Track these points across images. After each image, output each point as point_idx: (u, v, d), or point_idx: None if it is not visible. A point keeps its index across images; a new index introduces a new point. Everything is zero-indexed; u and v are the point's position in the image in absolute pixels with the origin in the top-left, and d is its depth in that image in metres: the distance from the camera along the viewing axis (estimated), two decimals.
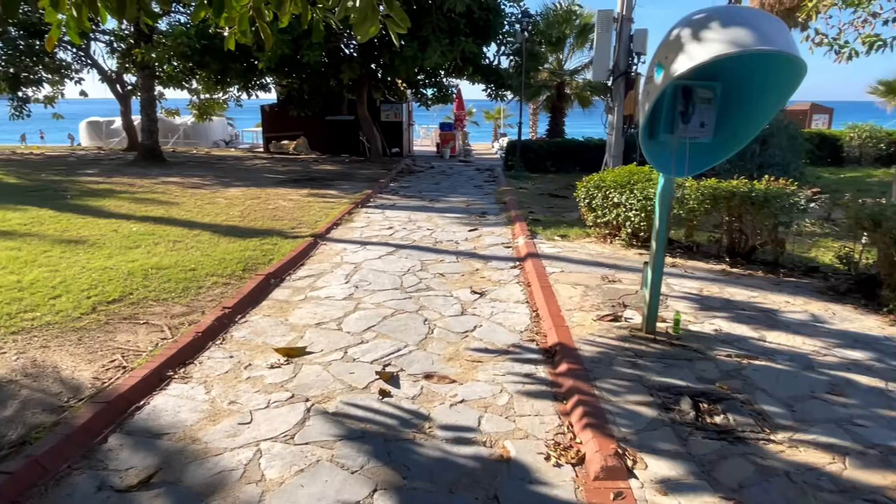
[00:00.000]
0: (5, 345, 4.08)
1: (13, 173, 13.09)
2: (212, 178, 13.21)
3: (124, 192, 10.65)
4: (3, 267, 5.82)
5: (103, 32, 18.44)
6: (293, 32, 12.19)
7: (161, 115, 23.31)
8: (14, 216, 8.21)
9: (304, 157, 19.22)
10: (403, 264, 6.44)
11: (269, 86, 18.89)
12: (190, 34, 13.52)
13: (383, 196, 11.31)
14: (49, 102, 19.04)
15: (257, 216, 8.83)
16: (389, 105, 20.58)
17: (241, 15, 4.58)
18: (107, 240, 7.07)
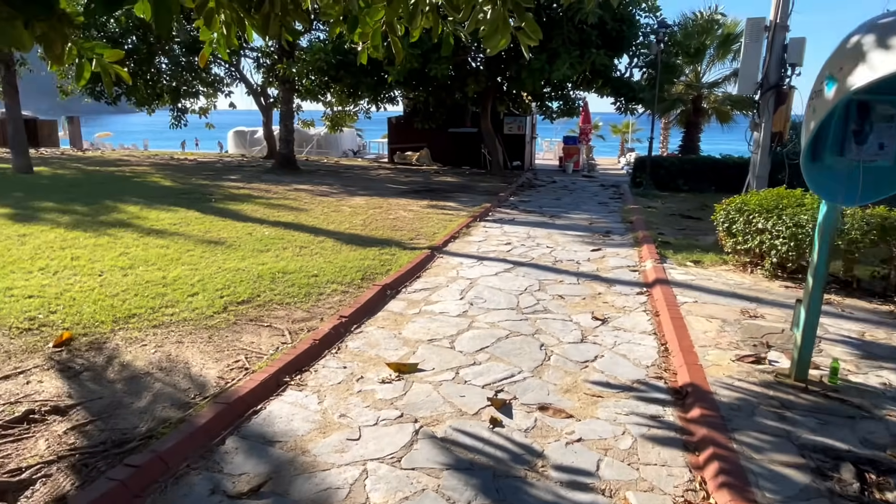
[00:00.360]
0: (146, 337, 4.39)
1: (169, 177, 14.52)
2: (339, 186, 13.81)
3: (260, 198, 11.39)
4: (152, 263, 6.35)
5: (252, 49, 20.08)
6: (422, 47, 12.45)
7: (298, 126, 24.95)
8: (166, 216, 9.02)
9: (426, 169, 19.61)
10: (521, 283, 6.21)
11: (396, 98, 19.53)
12: (327, 50, 14.29)
13: (502, 210, 11.17)
14: (203, 113, 21.03)
15: (378, 225, 9.03)
16: (513, 118, 20.48)
17: (374, 30, 4.63)
18: (242, 242, 7.53)
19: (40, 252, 6.66)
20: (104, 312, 4.82)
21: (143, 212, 9.31)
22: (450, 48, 4.75)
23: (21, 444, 2.99)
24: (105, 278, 5.78)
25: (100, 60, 4.28)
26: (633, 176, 15.68)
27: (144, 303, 5.07)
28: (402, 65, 12.57)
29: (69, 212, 9.10)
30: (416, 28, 4.73)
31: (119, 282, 5.67)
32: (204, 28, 4.80)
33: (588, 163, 21.70)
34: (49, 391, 3.54)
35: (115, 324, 4.61)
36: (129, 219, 8.77)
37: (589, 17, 11.85)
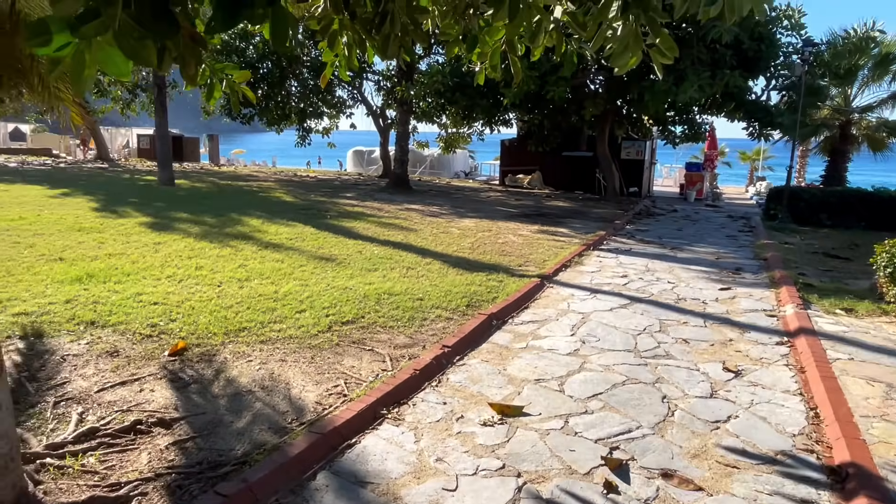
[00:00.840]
0: (253, 353, 4.42)
1: (291, 192, 15.28)
2: (449, 207, 13.80)
3: (372, 216, 11.60)
4: (267, 277, 6.53)
5: (373, 73, 20.87)
6: (540, 68, 12.21)
7: (413, 147, 25.57)
8: (284, 231, 9.37)
9: (538, 192, 19.23)
10: (638, 321, 5.68)
11: (511, 121, 19.40)
12: (444, 73, 14.46)
13: (618, 239, 10.54)
14: (326, 133, 22.10)
15: (486, 249, 8.80)
16: (631, 142, 19.62)
17: (493, 50, 4.43)
18: (352, 260, 7.59)
19: (170, 260, 7.09)
20: (218, 324, 4.94)
21: (264, 226, 9.75)
22: (573, 67, 4.44)
23: (125, 456, 3.01)
24: (223, 289, 5.99)
25: (229, 81, 4.38)
26: (767, 208, 14.33)
27: (255, 317, 5.16)
28: (519, 87, 12.38)
29: (199, 223, 9.72)
30: (537, 47, 4.47)
31: (235, 293, 5.85)
32: (327, 50, 4.83)
33: (712, 191, 20.25)
34: (158, 401, 3.61)
35: (227, 336, 4.70)
36: (251, 232, 9.20)
37: (724, 35, 11.01)
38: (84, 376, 3.90)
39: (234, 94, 4.40)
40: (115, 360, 4.15)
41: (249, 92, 4.51)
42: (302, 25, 3.71)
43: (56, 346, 4.37)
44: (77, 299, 5.38)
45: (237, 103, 4.59)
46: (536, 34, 4.22)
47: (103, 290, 5.74)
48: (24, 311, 5.02)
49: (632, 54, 3.63)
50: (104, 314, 5.03)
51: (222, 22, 2.27)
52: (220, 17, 2.26)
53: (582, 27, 4.18)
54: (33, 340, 4.45)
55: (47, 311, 5.04)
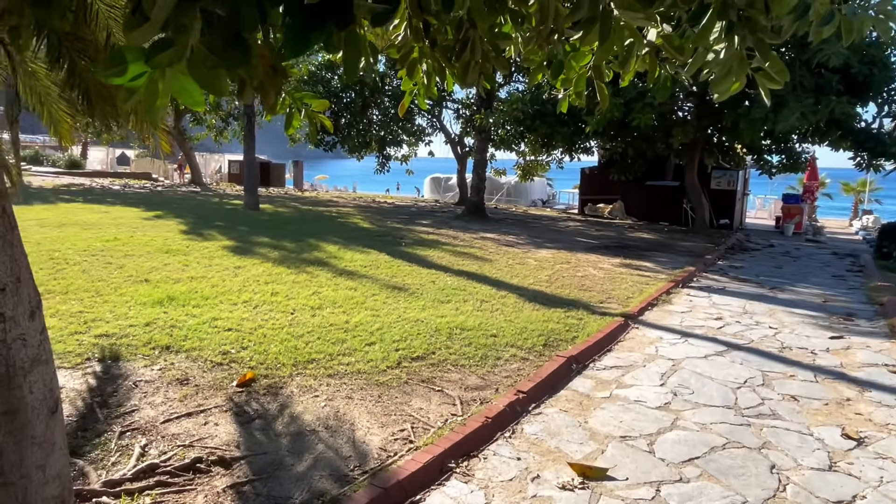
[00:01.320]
0: (320, 387, 4.26)
1: (368, 219, 15.45)
2: (525, 237, 13.45)
3: (447, 244, 11.44)
4: (339, 305, 6.44)
5: (452, 101, 21.01)
6: (625, 95, 11.74)
7: (490, 174, 25.46)
8: (359, 258, 9.35)
9: (619, 223, 18.51)
10: (737, 372, 5.10)
11: (592, 149, 18.89)
12: (524, 100, 14.25)
13: (709, 276, 9.80)
14: (405, 160, 22.40)
15: (565, 283, 8.38)
16: (722, 171, 18.56)
17: (579, 76, 4.15)
18: (424, 290, 7.41)
19: (247, 285, 7.17)
20: (288, 354, 4.84)
21: (340, 252, 9.78)
22: (666, 94, 4.08)
23: (181, 498, 2.88)
24: (295, 317, 5.94)
25: (307, 110, 4.31)
26: (879, 245, 13.00)
27: (325, 348, 5.03)
28: (603, 114, 11.96)
29: (279, 247, 9.90)
30: (627, 72, 4.15)
31: (307, 322, 5.77)
32: (406, 78, 4.68)
33: (812, 225, 18.75)
34: (221, 437, 3.49)
35: (295, 367, 4.58)
36: (327, 258, 9.24)
37: (831, 59, 10.16)
38: (152, 404, 3.87)
39: (311, 123, 4.34)
40: (184, 389, 4.10)
41: (327, 121, 4.43)
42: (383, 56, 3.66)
43: (130, 370, 4.40)
44: (156, 322, 5.47)
45: (315, 132, 4.53)
46: (627, 59, 3.90)
47: (181, 313, 5.82)
48: (106, 332, 5.14)
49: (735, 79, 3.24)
50: (179, 339, 5.06)
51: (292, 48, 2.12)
52: (291, 44, 2.12)
53: (678, 51, 3.82)
54: (110, 364, 4.51)
55: (127, 334, 5.13)
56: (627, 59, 3.87)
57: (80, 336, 5.04)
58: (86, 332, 5.13)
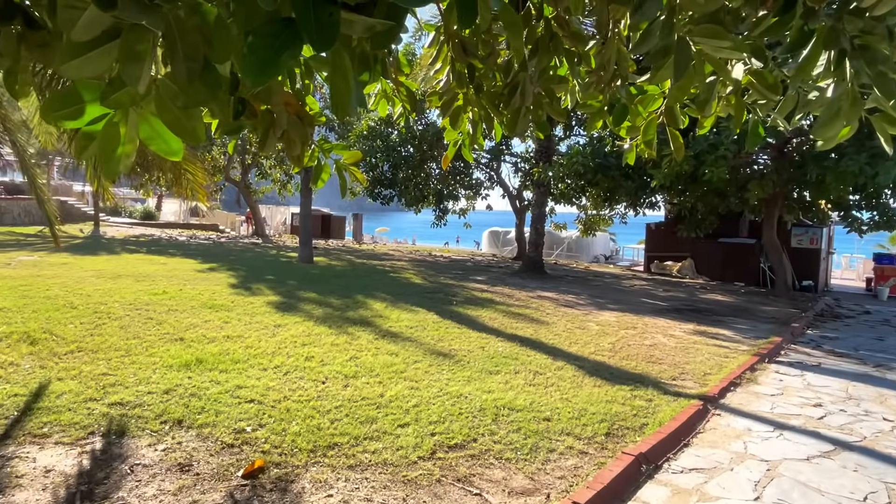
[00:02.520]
0: (337, 482, 3.62)
1: (421, 273, 14.97)
2: (586, 297, 12.56)
3: (501, 304, 10.73)
4: (376, 374, 5.85)
5: (511, 154, 20.66)
6: (695, 147, 10.93)
7: (549, 229, 24.72)
8: (406, 317, 8.79)
9: (689, 282, 17.26)
10: (853, 483, 4.09)
11: (658, 203, 17.93)
12: (585, 153, 13.64)
13: (799, 348, 8.60)
14: (462, 214, 22.05)
15: (630, 353, 7.49)
16: (804, 228, 17.12)
17: (647, 122, 3.52)
18: (472, 357, 6.73)
19: (283, 347, 6.71)
20: (308, 435, 4.26)
21: (387, 310, 9.27)
22: (757, 141, 3.37)
23: None
24: (326, 388, 5.38)
25: (338, 163, 3.84)
26: None
27: (351, 429, 4.41)
28: (671, 167, 11.16)
29: (324, 304, 9.48)
30: (708, 117, 3.50)
31: (337, 394, 5.20)
32: (449, 128, 4.15)
33: None
34: None
35: (313, 454, 3.97)
36: (372, 317, 8.73)
37: None
38: (142, 498, 3.33)
39: (341, 176, 3.89)
40: (183, 479, 3.56)
41: (360, 174, 3.97)
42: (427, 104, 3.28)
43: (132, 449, 3.91)
44: (176, 390, 5.03)
45: (345, 186, 4.07)
46: (707, 100, 3.25)
47: (206, 379, 5.38)
48: (122, 400, 4.73)
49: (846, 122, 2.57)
50: (195, 411, 4.58)
51: (257, 70, 1.61)
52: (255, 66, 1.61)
53: (771, 89, 3.12)
54: (113, 440, 4.05)
55: (142, 403, 4.70)
56: (707, 101, 3.23)
57: (94, 404, 4.64)
58: (101, 399, 4.74)
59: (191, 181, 5.55)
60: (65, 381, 5.14)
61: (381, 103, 4.14)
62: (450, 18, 3.57)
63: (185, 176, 5.50)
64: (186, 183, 5.43)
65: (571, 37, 3.69)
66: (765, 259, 16.82)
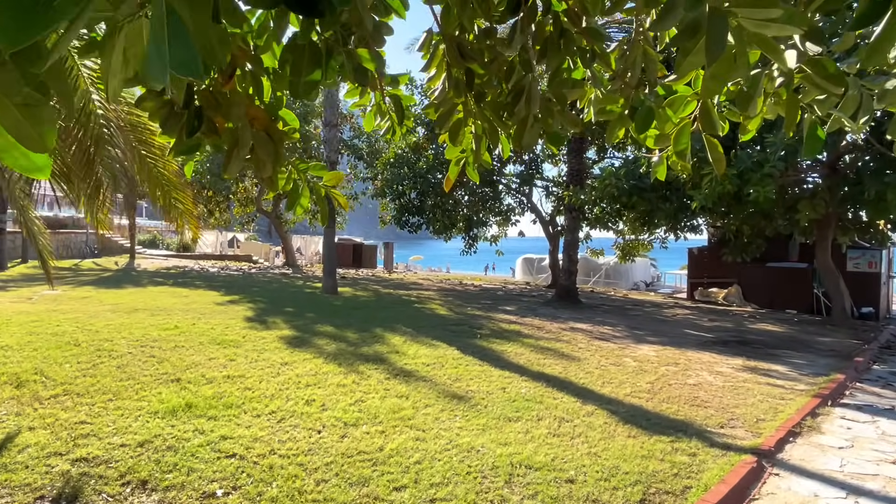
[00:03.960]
0: None
1: (448, 304, 14.34)
2: (623, 328, 11.69)
3: (530, 336, 10.00)
4: (379, 422, 5.23)
5: (542, 178, 20.02)
6: (739, 164, 10.10)
7: (585, 255, 23.83)
8: (423, 353, 8.17)
9: (737, 310, 16.12)
10: None
11: (699, 227, 16.96)
12: (619, 175, 12.90)
13: (866, 388, 7.58)
14: (494, 241, 21.42)
15: (671, 394, 6.67)
16: (860, 251, 15.89)
17: (678, 128, 2.88)
18: (491, 400, 6.04)
19: (285, 388, 6.17)
20: (285, 501, 3.66)
21: (405, 345, 8.66)
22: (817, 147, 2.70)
23: None
24: (321, 438, 4.80)
25: (317, 186, 3.26)
26: None
27: (337, 493, 3.80)
28: (712, 187, 10.33)
29: (339, 339, 8.95)
30: (753, 117, 2.86)
31: (331, 447, 4.61)
32: (449, 145, 3.54)
33: None
34: None
35: None
36: (388, 353, 8.14)
37: None
38: None
39: (321, 201, 3.37)
40: None
41: (342, 198, 3.46)
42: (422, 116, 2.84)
43: None
44: (153, 441, 4.52)
45: (325, 213, 3.55)
46: (750, 96, 2.59)
47: (190, 428, 4.86)
48: (88, 455, 4.23)
49: None
50: (165, 469, 4.04)
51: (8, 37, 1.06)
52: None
53: (833, 80, 2.42)
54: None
55: (110, 458, 4.19)
56: (751, 97, 2.56)
57: (57, 460, 4.16)
58: (66, 454, 4.25)
59: (181, 210, 5.22)
60: (36, 430, 4.69)
61: (368, 117, 3.62)
62: (446, 17, 3.03)
63: (175, 205, 5.18)
64: (176, 213, 5.11)
65: (586, 33, 3.10)
66: (818, 284, 15.62)
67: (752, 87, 2.48)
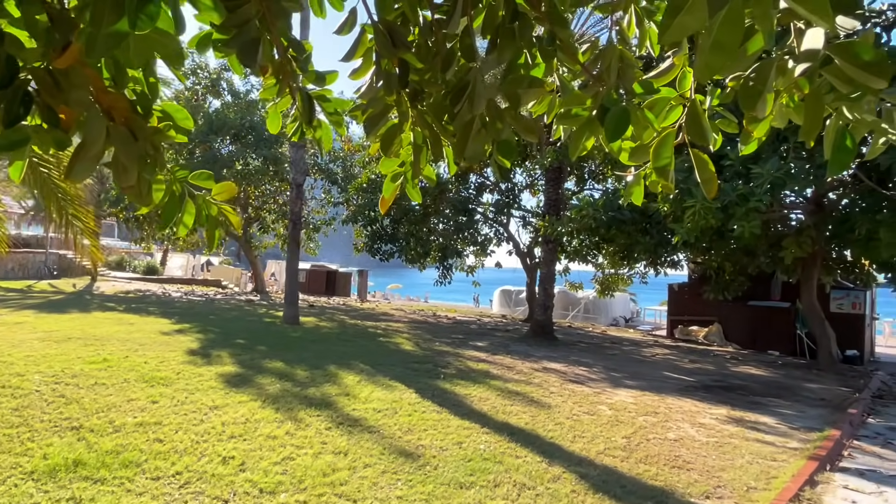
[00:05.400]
0: None
1: (416, 338, 13.47)
2: (600, 369, 10.92)
3: (498, 378, 9.18)
4: (303, 488, 4.38)
5: (520, 209, 19.44)
6: (723, 197, 9.52)
7: (564, 288, 23.15)
8: (377, 395, 7.32)
9: (718, 350, 15.48)
10: None
11: (680, 262, 16.40)
12: (597, 206, 12.29)
13: (865, 447, 6.83)
14: (471, 271, 20.67)
15: (650, 452, 5.88)
16: (844, 292, 15.41)
17: (660, 140, 2.16)
18: (443, 459, 5.21)
19: (203, 440, 5.29)
20: None
21: (359, 386, 7.80)
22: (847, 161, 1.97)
23: None
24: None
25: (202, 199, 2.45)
26: None
27: None
28: (693, 221, 9.72)
29: (286, 377, 8.05)
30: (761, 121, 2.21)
31: None
32: (384, 158, 2.79)
33: None
34: None
35: None
36: (337, 395, 7.27)
37: None
38: None
39: (211, 220, 2.64)
40: None
41: (234, 215, 2.70)
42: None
43: None
44: None
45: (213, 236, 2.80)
46: (759, 91, 1.86)
47: (64, 497, 3.96)
48: None
49: None
50: None
51: None
52: None
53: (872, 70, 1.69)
54: None
55: None
56: (760, 92, 1.82)
57: None
58: None
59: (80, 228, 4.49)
60: None
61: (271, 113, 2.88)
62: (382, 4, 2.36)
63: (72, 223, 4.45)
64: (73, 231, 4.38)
65: (546, 17, 2.44)
66: (801, 325, 15.07)
67: (761, 79, 1.78)
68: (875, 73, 1.59)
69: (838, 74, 1.69)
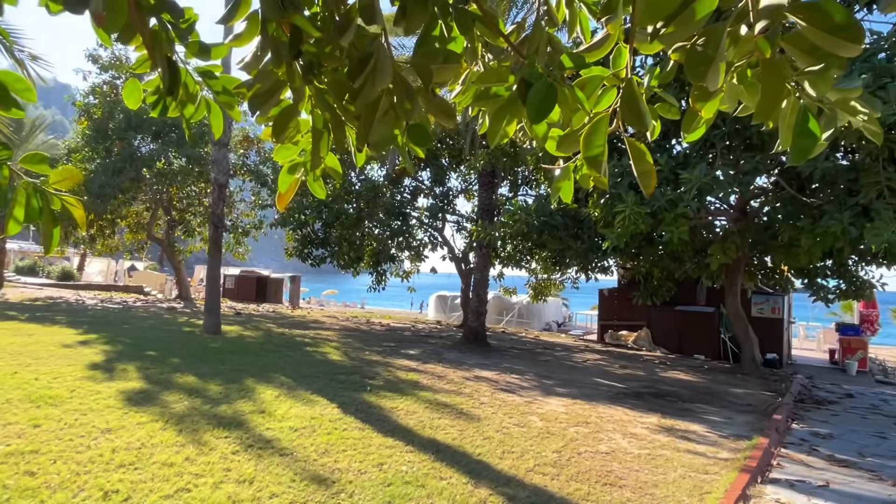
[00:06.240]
0: None
1: (346, 346, 12.90)
2: (532, 376, 10.73)
3: (428, 389, 8.78)
4: None
5: (454, 213, 19.19)
6: (652, 203, 9.52)
7: (499, 294, 23.07)
8: (295, 412, 6.77)
9: (647, 355, 15.69)
10: None
11: (610, 267, 16.56)
12: (529, 211, 12.14)
13: (792, 454, 6.83)
14: (406, 277, 20.21)
15: (581, 467, 5.63)
16: (764, 297, 15.97)
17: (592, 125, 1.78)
18: (360, 485, 4.75)
19: (87, 470, 4.62)
20: None
21: (276, 402, 7.21)
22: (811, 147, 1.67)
23: None
24: None
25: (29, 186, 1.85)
26: None
27: None
28: (623, 226, 9.68)
29: (197, 393, 7.35)
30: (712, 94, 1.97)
31: None
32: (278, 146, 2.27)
33: (882, 364, 15.74)
34: None
35: None
36: (251, 412, 6.67)
37: None
38: None
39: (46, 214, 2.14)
40: None
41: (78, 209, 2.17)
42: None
43: None
44: None
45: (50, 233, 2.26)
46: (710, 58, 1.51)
47: None
48: None
49: None
50: None
51: None
52: None
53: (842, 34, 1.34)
54: None
55: None
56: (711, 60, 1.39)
57: None
58: None
59: None
60: None
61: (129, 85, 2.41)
62: None
63: None
64: None
65: None
66: (725, 329, 15.50)
67: (713, 43, 1.47)
68: (847, 37, 1.29)
69: (799, 43, 1.40)
